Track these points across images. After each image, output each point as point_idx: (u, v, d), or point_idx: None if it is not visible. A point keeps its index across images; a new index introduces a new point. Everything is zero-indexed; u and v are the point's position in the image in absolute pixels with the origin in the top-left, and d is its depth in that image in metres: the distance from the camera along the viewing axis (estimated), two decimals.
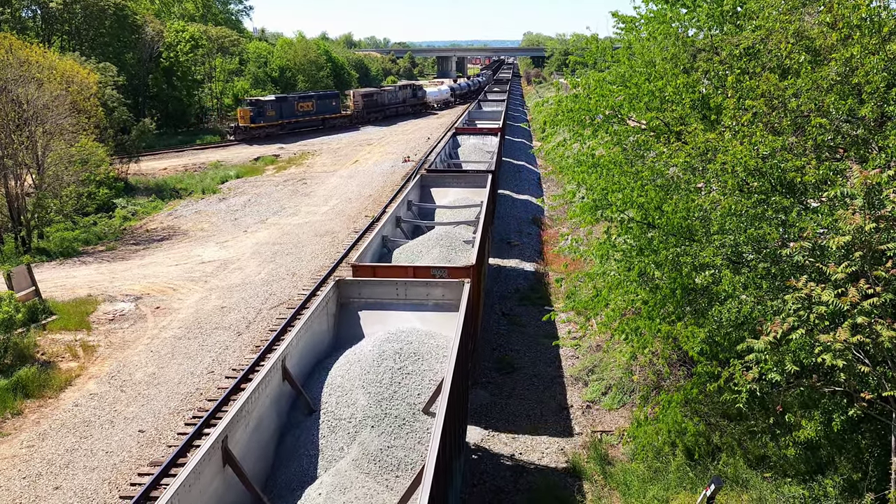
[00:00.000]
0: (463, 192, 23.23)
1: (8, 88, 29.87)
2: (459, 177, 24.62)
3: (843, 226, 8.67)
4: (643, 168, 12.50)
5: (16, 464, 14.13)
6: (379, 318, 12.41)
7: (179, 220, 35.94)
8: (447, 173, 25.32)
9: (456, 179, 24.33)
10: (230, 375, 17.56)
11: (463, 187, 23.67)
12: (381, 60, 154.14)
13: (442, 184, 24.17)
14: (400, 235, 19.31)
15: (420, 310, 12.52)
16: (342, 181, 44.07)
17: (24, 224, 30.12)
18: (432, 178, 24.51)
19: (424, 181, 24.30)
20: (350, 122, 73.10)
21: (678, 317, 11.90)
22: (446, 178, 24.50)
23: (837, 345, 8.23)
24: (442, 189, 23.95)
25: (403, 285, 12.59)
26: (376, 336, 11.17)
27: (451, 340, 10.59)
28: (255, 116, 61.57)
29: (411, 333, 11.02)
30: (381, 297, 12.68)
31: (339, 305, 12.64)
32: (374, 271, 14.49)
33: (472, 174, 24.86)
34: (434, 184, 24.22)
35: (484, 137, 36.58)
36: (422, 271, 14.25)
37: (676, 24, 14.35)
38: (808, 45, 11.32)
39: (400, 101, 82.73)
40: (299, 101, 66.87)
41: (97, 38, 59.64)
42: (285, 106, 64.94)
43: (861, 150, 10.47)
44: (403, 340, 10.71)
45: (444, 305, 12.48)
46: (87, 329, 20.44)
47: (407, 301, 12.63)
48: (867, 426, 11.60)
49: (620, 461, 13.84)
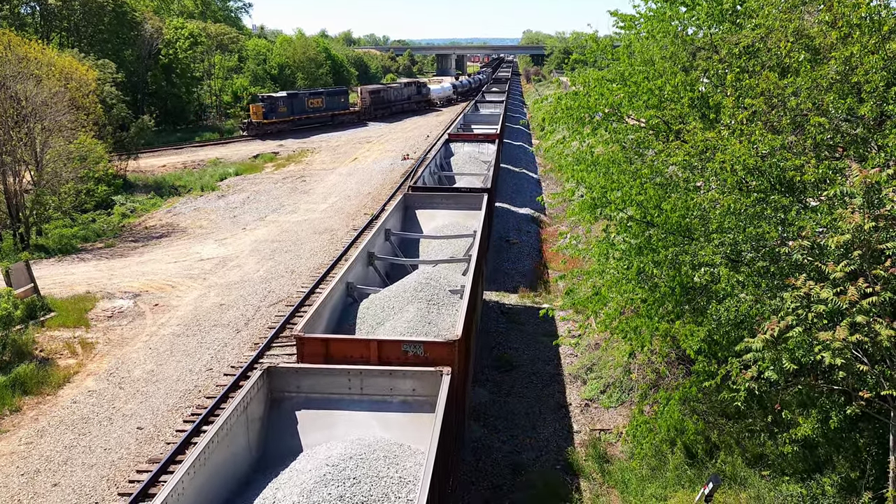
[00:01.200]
0: (453, 216, 20.16)
1: (6, 85, 29.84)
2: (450, 197, 21.37)
3: (843, 225, 8.66)
4: (642, 166, 12.49)
5: (14, 461, 14.13)
6: (325, 422, 9.70)
7: (178, 218, 35.91)
8: (435, 193, 21.96)
9: (445, 200, 21.16)
10: (228, 373, 17.56)
11: (454, 209, 20.64)
12: (381, 58, 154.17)
13: (429, 205, 21.05)
14: (373, 276, 15.98)
15: (382, 409, 9.86)
16: (341, 179, 44.04)
17: (22, 221, 30.09)
18: (418, 199, 21.28)
19: (409, 201, 21.17)
20: (358, 119, 74.25)
21: (677, 315, 11.91)
22: (434, 198, 21.32)
23: (836, 343, 8.22)
24: (429, 211, 20.88)
25: (358, 376, 9.90)
26: (316, 456, 8.63)
27: (419, 465, 7.85)
28: (268, 112, 62.72)
29: (363, 456, 8.44)
30: (330, 390, 9.97)
31: (268, 403, 9.89)
32: (328, 347, 10.94)
33: (464, 195, 21.44)
34: (420, 204, 21.07)
35: (480, 145, 33.94)
36: (389, 347, 10.85)
37: (676, 23, 14.33)
38: (808, 44, 11.31)
39: (405, 97, 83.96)
40: (310, 97, 68.16)
41: (96, 35, 59.60)
42: (296, 102, 66.08)
43: (860, 149, 10.46)
44: (349, 473, 8.05)
45: (416, 404, 9.90)
46: (85, 326, 20.43)
47: (363, 397, 9.95)
48: (865, 425, 11.60)
49: (619, 459, 13.86)
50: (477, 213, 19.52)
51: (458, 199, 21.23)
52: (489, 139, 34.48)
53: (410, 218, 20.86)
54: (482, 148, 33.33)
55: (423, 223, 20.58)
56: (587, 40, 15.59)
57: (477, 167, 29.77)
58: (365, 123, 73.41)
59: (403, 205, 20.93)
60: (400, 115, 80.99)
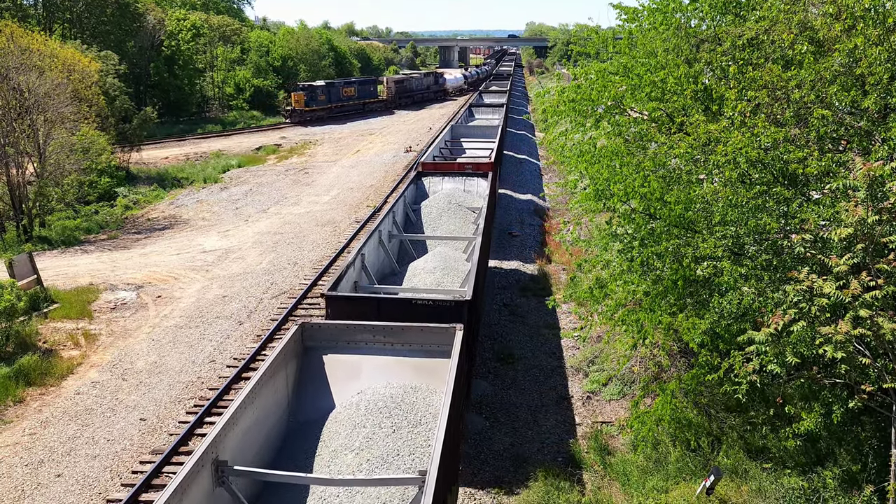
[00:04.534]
0: (400, 363, 10.79)
1: (9, 76, 29.83)
2: (386, 331, 10.78)
3: (846, 218, 8.64)
4: (644, 159, 12.47)
5: (18, 451, 14.19)
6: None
7: (181, 210, 35.93)
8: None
9: (377, 335, 10.84)
10: (231, 364, 17.60)
11: (399, 350, 10.83)
12: (384, 50, 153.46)
13: (349, 346, 10.92)
14: None
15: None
16: (344, 171, 44.01)
17: (25, 212, 30.13)
18: (323, 334, 10.92)
19: (307, 336, 10.89)
20: (385, 107, 78.67)
21: (679, 308, 11.90)
22: (353, 334, 10.86)
23: (839, 337, 8.23)
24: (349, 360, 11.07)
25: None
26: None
27: None
28: (309, 100, 66.48)
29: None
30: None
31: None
32: None
33: (413, 331, 10.70)
34: (324, 348, 10.90)
35: (466, 181, 22.96)
36: None
37: (679, 15, 14.28)
38: (812, 36, 11.25)
39: (425, 87, 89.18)
40: (344, 86, 72.65)
41: (98, 27, 59.48)
42: (333, 91, 70.29)
43: (864, 141, 10.42)
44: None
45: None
46: (88, 317, 20.47)
47: None
48: (867, 418, 11.62)
49: (620, 452, 13.89)
50: (444, 361, 10.12)
51: (406, 335, 10.78)
52: (479, 170, 23.71)
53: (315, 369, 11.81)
54: (469, 185, 22.87)
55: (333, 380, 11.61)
56: (589, 32, 15.54)
57: (458, 222, 20.10)
58: (392, 111, 77.51)
59: (301, 350, 10.98)
60: (421, 103, 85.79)
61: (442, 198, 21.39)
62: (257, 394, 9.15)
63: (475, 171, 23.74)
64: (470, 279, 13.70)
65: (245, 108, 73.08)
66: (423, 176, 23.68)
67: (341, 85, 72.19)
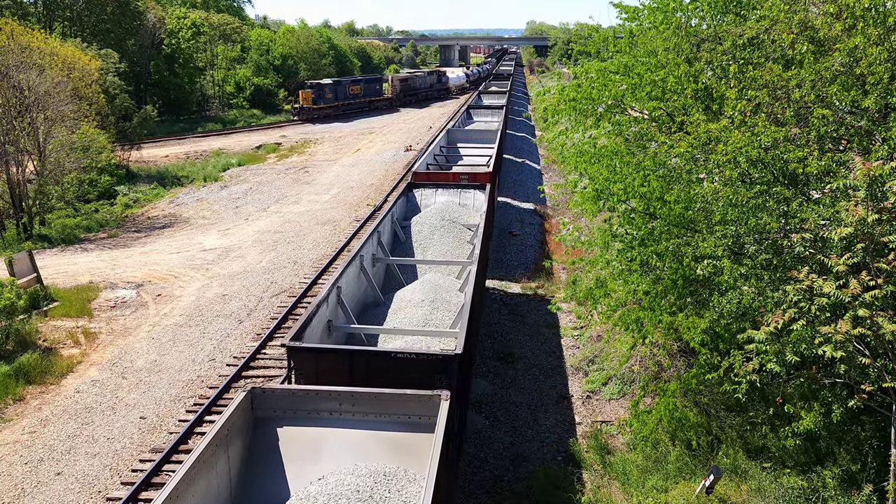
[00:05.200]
0: None
1: (9, 74, 29.82)
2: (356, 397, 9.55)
3: (846, 217, 8.64)
4: (644, 158, 12.46)
5: (17, 449, 14.20)
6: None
7: (181, 208, 35.93)
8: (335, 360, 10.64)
9: (347, 402, 9.59)
10: (231, 363, 17.60)
11: (371, 422, 9.79)
12: (384, 49, 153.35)
13: (309, 418, 9.79)
14: None
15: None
16: (344, 170, 44.00)
17: (25, 211, 30.13)
18: (277, 401, 9.41)
19: (258, 405, 9.44)
20: (390, 105, 79.58)
21: (679, 307, 11.90)
22: (325, 402, 9.44)
23: (838, 336, 8.22)
24: None
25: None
26: None
27: None
28: (317, 98, 67.36)
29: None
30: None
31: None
32: None
33: (398, 397, 9.08)
34: (279, 418, 9.72)
35: (461, 194, 21.30)
36: None
37: (679, 14, 14.27)
38: (812, 36, 11.24)
39: (428, 85, 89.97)
40: (351, 84, 73.64)
41: (99, 25, 59.48)
42: (340, 89, 71.06)
43: (864, 141, 10.42)
44: None
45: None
46: (88, 316, 20.48)
47: None
48: (867, 418, 11.62)
49: (620, 451, 13.89)
50: (429, 435, 8.60)
51: (380, 403, 9.21)
52: (477, 181, 22.23)
53: None
54: (465, 198, 21.22)
55: None
56: (590, 31, 15.53)
57: (452, 242, 18.53)
58: (397, 109, 78.29)
59: None
60: (424, 101, 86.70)
61: (434, 213, 19.49)
62: (192, 480, 7.39)
63: (472, 182, 22.15)
64: (463, 317, 11.66)
65: (245, 106, 73.04)
66: (414, 187, 21.79)
67: (348, 83, 73.18)
